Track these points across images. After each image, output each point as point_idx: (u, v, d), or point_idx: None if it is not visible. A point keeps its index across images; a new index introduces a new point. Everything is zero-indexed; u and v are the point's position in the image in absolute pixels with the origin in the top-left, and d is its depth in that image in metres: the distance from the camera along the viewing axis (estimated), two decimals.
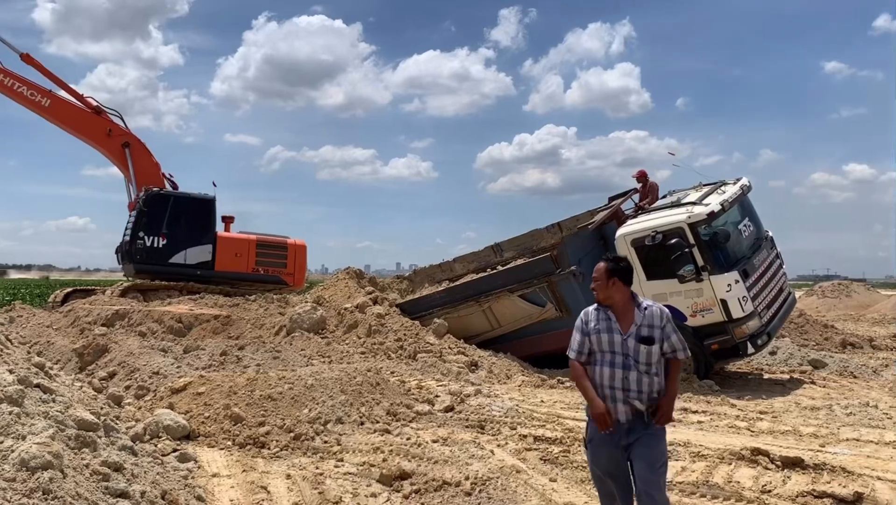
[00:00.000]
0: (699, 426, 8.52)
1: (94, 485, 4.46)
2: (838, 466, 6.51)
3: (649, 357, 4.27)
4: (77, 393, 7.53)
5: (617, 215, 13.80)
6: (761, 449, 6.84)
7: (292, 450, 7.15)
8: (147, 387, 9.36)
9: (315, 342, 13.12)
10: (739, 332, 11.37)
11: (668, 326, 4.33)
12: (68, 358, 11.15)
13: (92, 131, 18.26)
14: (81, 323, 13.31)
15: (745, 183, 12.71)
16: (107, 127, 18.62)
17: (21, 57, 17.51)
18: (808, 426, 8.44)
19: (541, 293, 12.89)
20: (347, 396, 8.42)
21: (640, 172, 14.74)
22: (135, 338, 11.74)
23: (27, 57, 17.40)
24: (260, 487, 5.96)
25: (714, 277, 11.36)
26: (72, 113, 18.03)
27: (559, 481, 6.18)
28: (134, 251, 17.90)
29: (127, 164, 18.58)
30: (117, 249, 19.15)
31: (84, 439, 5.14)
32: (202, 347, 11.48)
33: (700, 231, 11.46)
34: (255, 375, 8.77)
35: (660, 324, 4.31)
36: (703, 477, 6.30)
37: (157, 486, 5.23)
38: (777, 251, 12.94)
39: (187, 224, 18.64)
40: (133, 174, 18.57)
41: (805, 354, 14.03)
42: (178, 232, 18.45)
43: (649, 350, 4.27)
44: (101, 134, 18.58)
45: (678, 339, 4.35)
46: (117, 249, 19.15)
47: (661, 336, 4.30)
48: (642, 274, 11.92)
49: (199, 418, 7.81)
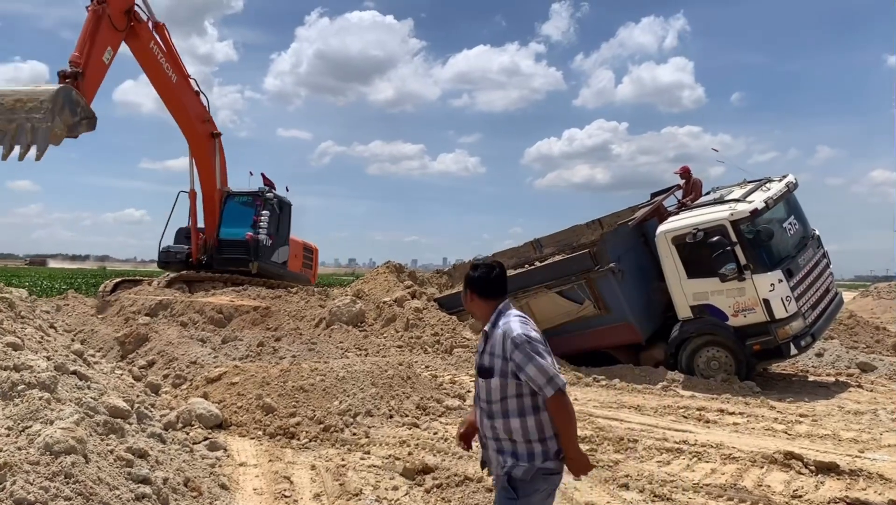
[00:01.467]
0: (734, 428, 8.33)
1: (116, 470, 4.56)
2: (875, 473, 6.30)
3: (488, 395, 3.36)
4: (114, 381, 7.74)
5: (659, 212, 13.58)
6: (795, 453, 6.66)
7: (321, 441, 7.22)
8: (184, 376, 9.56)
9: (353, 335, 13.25)
10: (782, 332, 11.09)
11: (517, 355, 3.23)
12: (110, 346, 11.43)
13: (196, 115, 17.68)
14: (126, 312, 13.65)
15: (790, 180, 12.38)
16: (207, 113, 18.09)
17: (155, 27, 16.78)
18: (849, 431, 8.19)
19: (579, 290, 12.74)
20: (378, 389, 8.47)
21: (683, 168, 14.47)
22: (175, 328, 11.99)
23: (161, 27, 16.71)
24: (284, 477, 6.04)
25: (757, 276, 11.10)
26: (189, 93, 17.45)
27: (583, 480, 6.09)
28: (261, 249, 18.56)
29: (213, 155, 18.26)
30: (165, 249, 19.15)
31: (112, 426, 5.26)
32: (240, 337, 11.66)
33: (743, 229, 11.20)
34: (288, 366, 8.86)
35: (500, 351, 3.30)
36: (733, 480, 6.16)
37: (182, 473, 5.33)
38: (824, 250, 12.57)
39: (282, 225, 19.85)
40: (219, 167, 18.41)
41: (854, 356, 13.61)
42: (278, 232, 19.55)
43: (487, 385, 3.36)
44: (202, 119, 17.92)
45: (537, 370, 3.19)
46: (165, 249, 19.15)
47: (505, 368, 3.29)
48: (683, 272, 11.73)
49: (232, 408, 7.94)
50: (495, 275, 3.53)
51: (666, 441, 7.48)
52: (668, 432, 7.95)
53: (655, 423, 8.52)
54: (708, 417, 8.84)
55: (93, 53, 13.60)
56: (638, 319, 12.44)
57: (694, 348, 11.76)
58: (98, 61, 13.82)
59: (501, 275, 3.56)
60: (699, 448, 7.18)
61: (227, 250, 18.36)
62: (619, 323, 12.42)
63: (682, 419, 8.76)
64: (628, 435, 7.67)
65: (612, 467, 6.47)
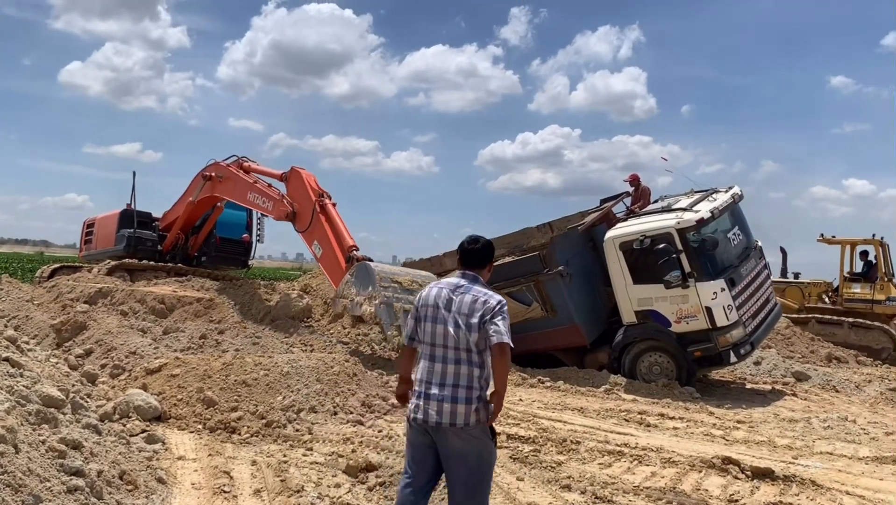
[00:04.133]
0: (674, 432, 8.48)
1: (48, 462, 4.40)
2: (808, 479, 6.47)
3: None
4: (49, 369, 7.48)
5: (608, 218, 13.75)
6: (733, 458, 6.81)
7: (263, 437, 7.10)
8: (123, 366, 9.29)
9: (299, 330, 13.06)
10: (723, 340, 11.32)
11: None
12: (46, 333, 11.05)
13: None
14: (63, 299, 13.19)
15: (736, 192, 12.66)
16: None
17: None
18: (784, 438, 8.41)
19: (527, 292, 12.82)
20: (323, 385, 8.36)
21: (632, 176, 14.70)
22: (115, 317, 11.64)
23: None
24: (223, 473, 5.91)
25: (700, 284, 11.31)
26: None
27: (526, 480, 6.12)
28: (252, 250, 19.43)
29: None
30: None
31: (45, 415, 5.08)
32: (182, 329, 11.38)
33: (689, 237, 11.41)
34: (231, 359, 8.69)
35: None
36: (672, 483, 6.26)
37: (117, 466, 5.18)
38: (765, 261, 12.90)
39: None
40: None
41: (789, 365, 13.99)
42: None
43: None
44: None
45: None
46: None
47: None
48: (629, 277, 11.89)
49: (172, 400, 7.74)
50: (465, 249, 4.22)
51: (608, 444, 7.57)
52: (610, 435, 8.05)
53: (598, 425, 8.62)
54: (649, 420, 8.98)
55: None
56: (584, 323, 12.58)
57: (637, 353, 11.94)
58: None
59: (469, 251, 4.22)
60: (640, 451, 7.29)
61: (225, 248, 18.57)
62: (565, 326, 12.54)
63: (624, 422, 8.88)
64: (571, 437, 7.74)
65: (555, 468, 6.51)
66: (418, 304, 4.14)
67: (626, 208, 14.28)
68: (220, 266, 18.52)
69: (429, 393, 3.95)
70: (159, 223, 18.72)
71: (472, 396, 3.90)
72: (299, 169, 14.21)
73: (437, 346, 3.99)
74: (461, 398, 3.89)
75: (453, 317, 3.96)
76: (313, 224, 13.16)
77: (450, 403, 3.88)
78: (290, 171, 14.26)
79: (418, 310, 4.13)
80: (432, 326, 4.01)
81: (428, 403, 3.93)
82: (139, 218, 18.51)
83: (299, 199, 13.68)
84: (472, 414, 3.87)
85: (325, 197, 13.37)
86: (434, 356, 4.00)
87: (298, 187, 13.85)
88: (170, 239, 18.10)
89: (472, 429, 3.88)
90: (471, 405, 3.89)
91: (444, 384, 3.93)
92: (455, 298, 4.02)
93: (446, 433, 3.89)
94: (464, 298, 3.99)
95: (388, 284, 11.50)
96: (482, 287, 4.08)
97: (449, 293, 4.05)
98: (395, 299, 11.38)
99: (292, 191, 14.05)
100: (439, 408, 3.89)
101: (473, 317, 3.92)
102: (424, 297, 4.12)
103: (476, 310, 3.92)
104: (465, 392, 3.90)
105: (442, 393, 3.91)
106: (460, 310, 3.96)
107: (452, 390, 3.90)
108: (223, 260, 18.77)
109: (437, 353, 3.99)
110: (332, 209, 13.29)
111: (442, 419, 3.87)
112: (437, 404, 3.90)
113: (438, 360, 3.98)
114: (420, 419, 3.95)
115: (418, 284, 11.74)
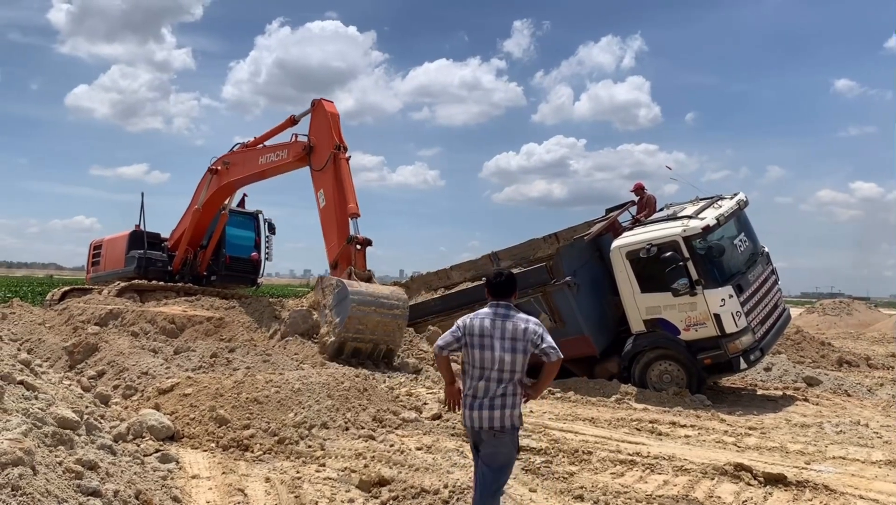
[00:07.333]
0: (686, 440, 8.47)
1: (65, 483, 4.45)
2: (821, 484, 6.47)
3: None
4: (63, 391, 7.55)
5: (613, 227, 13.79)
6: (745, 465, 6.80)
7: (275, 454, 7.13)
8: (135, 387, 9.35)
9: (308, 347, 13.12)
10: (732, 347, 11.31)
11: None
12: (59, 356, 11.14)
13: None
14: (75, 321, 13.30)
15: (741, 198, 12.68)
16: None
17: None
18: (796, 443, 8.40)
19: (535, 303, 12.83)
20: (334, 400, 8.39)
21: (637, 185, 14.75)
22: (126, 338, 11.72)
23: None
24: (237, 490, 5.94)
25: (708, 292, 11.32)
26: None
27: (538, 492, 6.14)
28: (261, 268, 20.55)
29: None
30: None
31: (61, 437, 5.13)
32: (193, 348, 11.45)
33: (695, 245, 11.43)
34: (242, 377, 8.74)
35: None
36: (685, 491, 6.26)
37: (133, 485, 5.21)
38: (773, 267, 12.89)
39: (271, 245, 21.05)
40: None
41: (800, 371, 13.96)
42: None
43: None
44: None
45: None
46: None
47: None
48: (636, 286, 11.90)
49: (185, 420, 7.79)
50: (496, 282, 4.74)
51: (619, 453, 7.57)
52: (621, 444, 8.05)
53: (609, 435, 8.62)
54: (660, 429, 8.98)
55: None
56: (593, 333, 12.58)
57: (647, 362, 11.94)
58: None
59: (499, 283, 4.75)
60: (652, 460, 7.29)
61: (235, 267, 19.04)
62: (574, 336, 12.53)
63: (636, 431, 8.87)
64: (583, 447, 7.74)
65: (567, 479, 6.52)
66: (464, 331, 4.65)
67: (632, 217, 14.32)
68: (229, 285, 18.76)
69: (480, 405, 4.57)
70: (168, 243, 18.90)
71: (506, 404, 4.55)
72: (325, 102, 13.67)
73: (486, 368, 4.56)
74: (501, 406, 4.55)
75: (500, 343, 4.54)
76: (326, 168, 13.01)
77: (489, 410, 4.55)
78: (315, 104, 13.78)
79: (463, 336, 4.65)
80: (480, 353, 4.57)
81: (480, 413, 4.57)
82: (149, 239, 18.63)
83: (320, 135, 13.29)
84: (507, 419, 4.53)
85: (342, 149, 13.20)
86: (483, 377, 4.58)
87: (322, 123, 13.38)
88: (179, 257, 18.25)
89: (506, 434, 4.56)
90: (506, 410, 4.54)
91: (492, 397, 4.55)
92: (497, 325, 4.58)
93: (488, 436, 4.57)
94: (505, 324, 4.58)
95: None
96: (517, 312, 4.67)
97: (491, 322, 4.60)
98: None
99: (315, 124, 13.65)
100: (489, 415, 4.54)
101: (523, 342, 4.53)
102: (469, 326, 4.65)
103: (522, 336, 4.54)
104: (505, 400, 4.56)
105: (489, 404, 4.55)
106: (506, 335, 4.55)
107: (500, 400, 4.55)
108: (233, 279, 19.14)
109: (485, 374, 4.57)
110: (345, 164, 13.07)
111: (486, 424, 4.54)
112: (487, 413, 4.54)
113: (485, 379, 4.57)
114: (471, 425, 4.63)
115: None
